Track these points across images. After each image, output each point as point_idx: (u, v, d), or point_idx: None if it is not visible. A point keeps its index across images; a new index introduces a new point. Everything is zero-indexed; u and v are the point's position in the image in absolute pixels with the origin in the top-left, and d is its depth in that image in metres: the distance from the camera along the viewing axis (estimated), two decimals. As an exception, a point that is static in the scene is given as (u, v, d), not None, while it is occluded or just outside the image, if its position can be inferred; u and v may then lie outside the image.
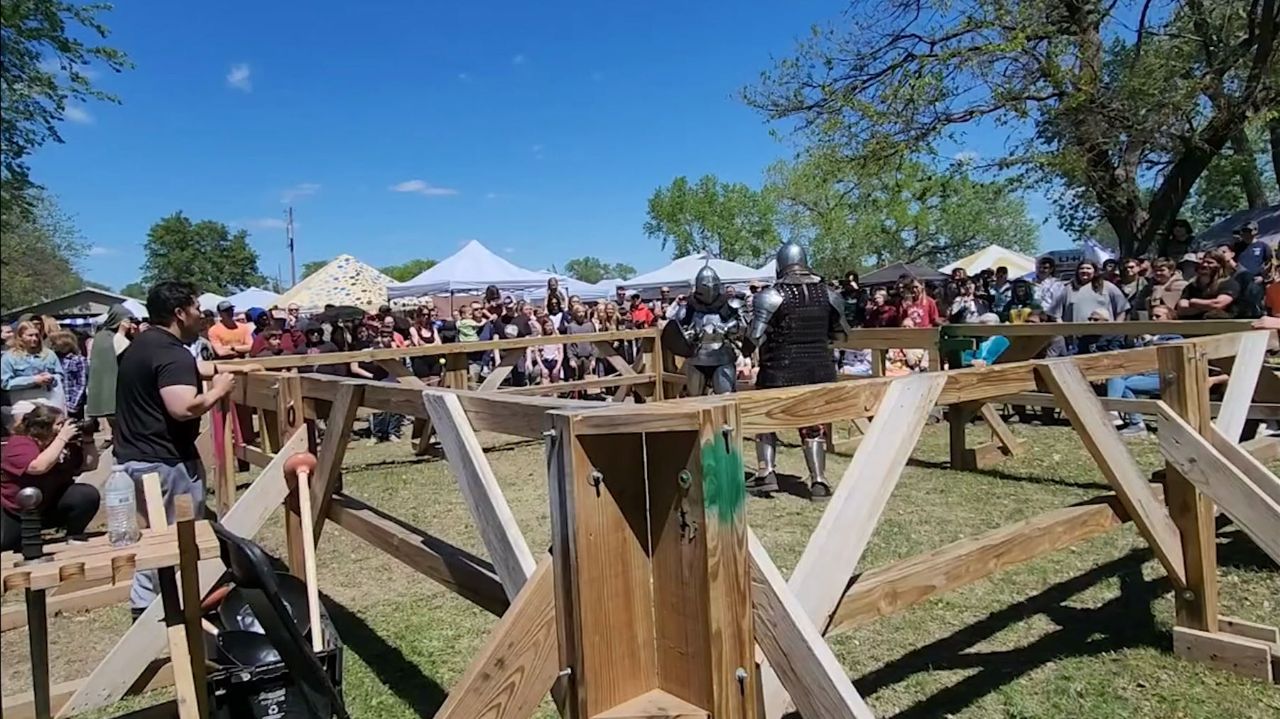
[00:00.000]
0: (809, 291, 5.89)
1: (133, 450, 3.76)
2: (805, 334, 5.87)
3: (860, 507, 2.08)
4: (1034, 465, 6.77)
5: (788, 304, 5.83)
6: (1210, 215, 30.31)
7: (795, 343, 5.85)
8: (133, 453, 3.75)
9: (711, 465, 1.68)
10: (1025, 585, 4.05)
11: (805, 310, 5.86)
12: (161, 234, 52.47)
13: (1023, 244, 43.86)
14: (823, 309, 5.93)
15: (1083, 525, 2.84)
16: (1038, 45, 12.27)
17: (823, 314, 5.94)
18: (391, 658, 3.58)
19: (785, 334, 5.85)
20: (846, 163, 13.64)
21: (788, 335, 5.85)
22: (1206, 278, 8.34)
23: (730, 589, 1.72)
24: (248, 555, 2.18)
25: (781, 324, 5.84)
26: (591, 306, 12.15)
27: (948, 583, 2.38)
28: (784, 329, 5.85)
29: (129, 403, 3.80)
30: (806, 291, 5.88)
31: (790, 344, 5.86)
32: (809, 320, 5.89)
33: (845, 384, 2.13)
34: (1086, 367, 2.85)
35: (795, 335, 5.85)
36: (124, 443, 3.79)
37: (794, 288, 5.89)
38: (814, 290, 5.93)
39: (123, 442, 3.80)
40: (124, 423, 3.82)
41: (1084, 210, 20.85)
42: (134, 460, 3.73)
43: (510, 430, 2.19)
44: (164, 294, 4.00)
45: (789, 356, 5.86)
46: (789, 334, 5.85)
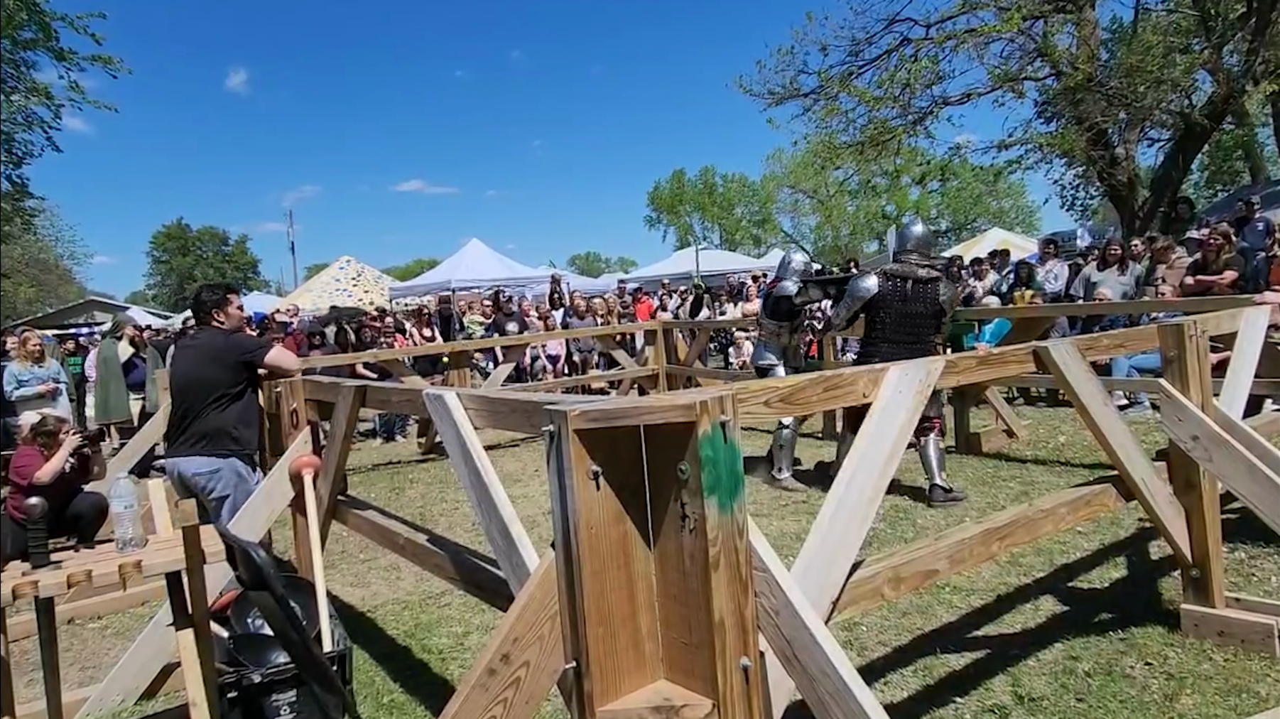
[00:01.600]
0: (914, 288, 5.13)
1: (208, 447, 3.77)
2: (901, 333, 5.15)
3: (862, 493, 2.08)
4: (1039, 448, 6.76)
5: (884, 296, 5.14)
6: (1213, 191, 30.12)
7: (888, 341, 5.13)
8: (207, 449, 3.77)
9: (710, 456, 1.68)
10: (1032, 567, 4.05)
11: (906, 307, 5.13)
12: (163, 241, 52.63)
13: (1024, 226, 43.66)
14: (929, 307, 5.15)
15: (1086, 506, 2.83)
16: (1034, 25, 12.19)
17: (928, 313, 5.17)
18: (401, 656, 3.60)
19: (878, 330, 5.18)
20: (844, 149, 13.60)
21: (881, 332, 5.17)
22: (1212, 254, 8.30)
23: (732, 579, 1.73)
24: (253, 558, 2.20)
25: (876, 317, 5.18)
26: (589, 301, 12.14)
27: (951, 567, 2.39)
28: (877, 324, 5.18)
29: (203, 403, 3.78)
30: (911, 287, 5.13)
31: (882, 342, 5.16)
32: (909, 318, 5.14)
33: (843, 371, 2.13)
34: (1087, 347, 2.85)
35: (889, 333, 5.15)
36: (199, 441, 3.78)
37: (898, 279, 5.15)
38: (922, 287, 5.15)
39: (199, 441, 3.78)
40: (196, 423, 3.79)
41: (1085, 190, 20.72)
42: (240, 459, 3.80)
43: (510, 427, 2.20)
44: (202, 297, 4.09)
45: (878, 355, 5.08)
46: (882, 331, 5.16)
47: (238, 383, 3.79)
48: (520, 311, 11.78)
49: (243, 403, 3.81)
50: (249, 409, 3.85)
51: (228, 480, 3.71)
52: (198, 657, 2.11)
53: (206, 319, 4.00)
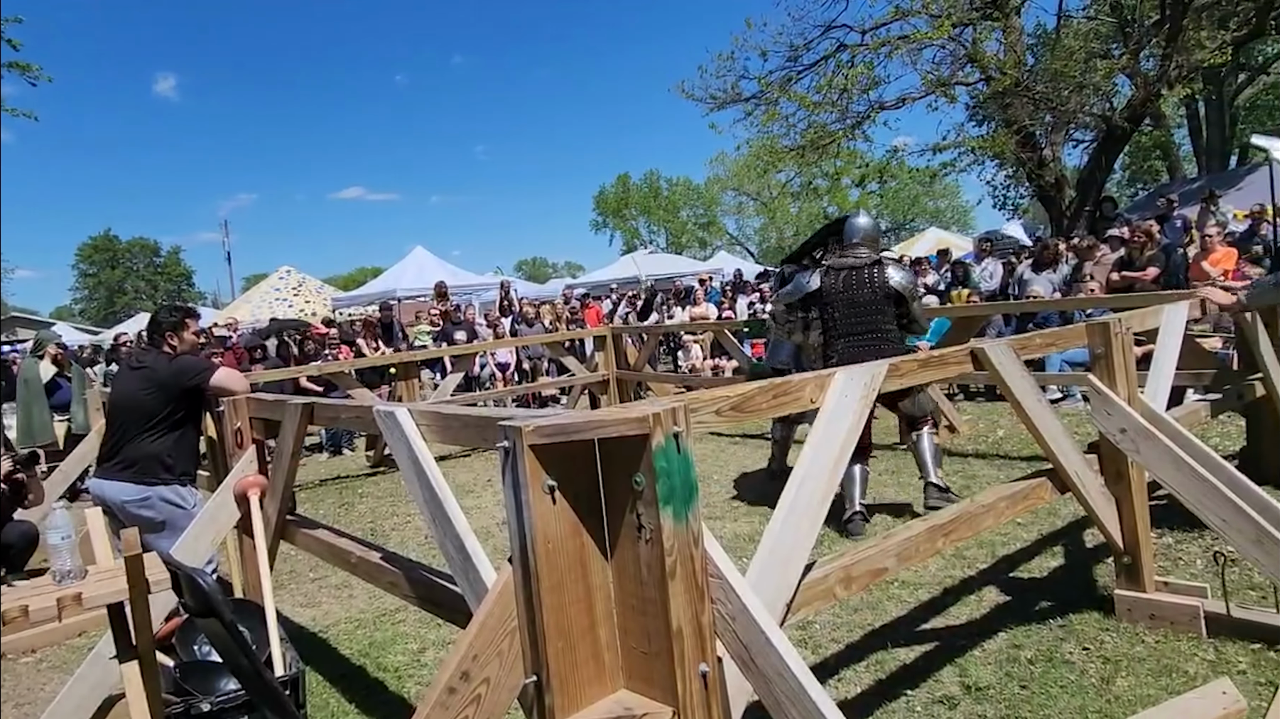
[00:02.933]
0: (856, 275, 4.98)
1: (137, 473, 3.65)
2: (854, 325, 4.98)
3: (812, 495, 2.14)
4: (979, 442, 6.98)
5: (827, 290, 5.00)
6: (1135, 190, 31.52)
7: (843, 337, 4.97)
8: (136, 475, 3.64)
9: (664, 467, 1.71)
10: (975, 560, 4.19)
11: (852, 296, 4.97)
12: (90, 253, 50.53)
13: (960, 225, 45.02)
14: (877, 293, 4.96)
15: (1024, 499, 2.95)
16: (963, 32, 12.60)
17: (878, 299, 4.97)
18: (356, 676, 3.54)
19: (831, 325, 5.02)
20: (786, 153, 13.84)
21: (832, 327, 5.01)
22: (1136, 251, 8.70)
23: (689, 587, 1.76)
24: (200, 585, 2.15)
25: (826, 315, 5.03)
26: (538, 308, 12.10)
27: (899, 563, 2.46)
28: (828, 321, 5.03)
29: (139, 428, 3.66)
30: (852, 275, 4.98)
31: (837, 339, 4.99)
32: (858, 308, 4.97)
33: (790, 378, 2.18)
34: (1021, 346, 2.96)
35: (841, 327, 4.98)
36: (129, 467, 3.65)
37: (836, 272, 5.03)
38: (862, 273, 4.99)
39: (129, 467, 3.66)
40: (128, 448, 3.67)
41: (1015, 190, 21.50)
42: (172, 485, 3.68)
43: (463, 442, 2.19)
44: (159, 318, 3.97)
45: (835, 354, 4.95)
46: (834, 327, 5.01)
47: (178, 411, 3.67)
48: (467, 319, 11.66)
49: (180, 432, 3.70)
50: (185, 438, 3.74)
51: (159, 509, 3.60)
52: (143, 689, 2.05)
53: (159, 341, 3.87)
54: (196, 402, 3.77)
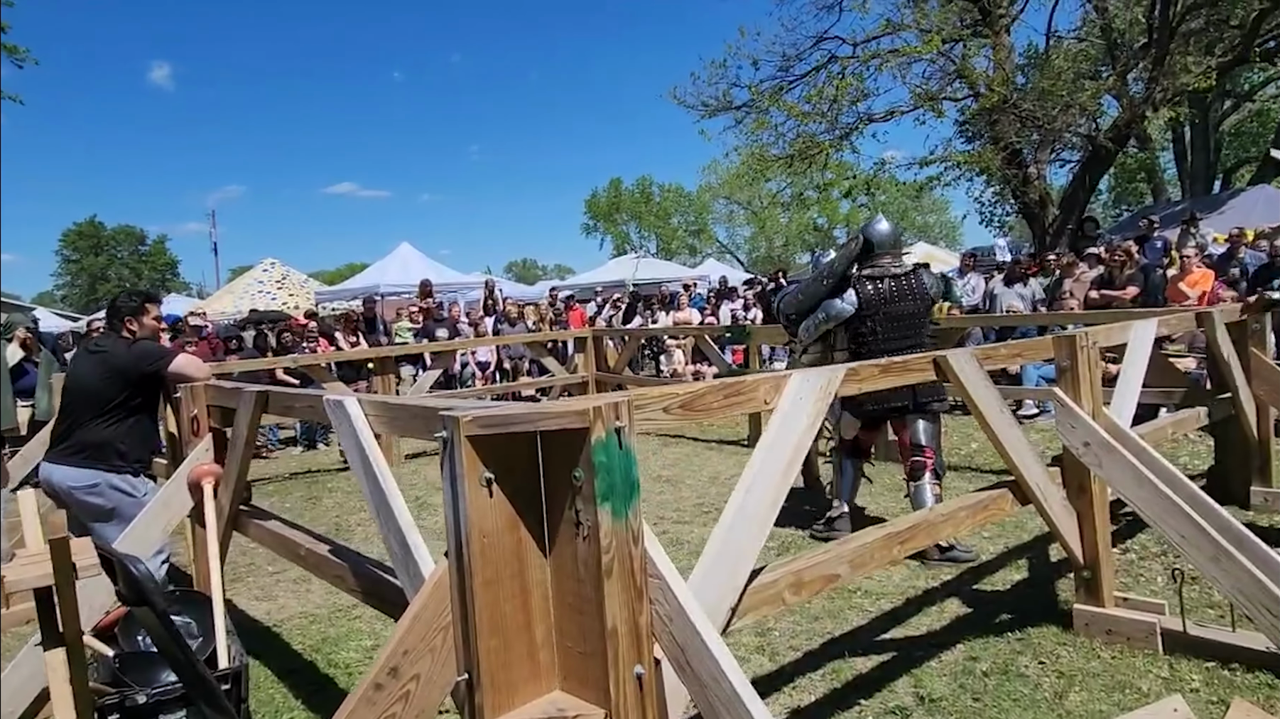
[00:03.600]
0: (897, 284, 4.67)
1: (89, 459, 3.56)
2: (900, 337, 4.64)
3: (761, 500, 2.11)
4: (952, 454, 6.98)
5: (868, 304, 4.63)
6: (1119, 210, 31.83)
7: (887, 350, 4.46)
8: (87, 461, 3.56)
9: (603, 462, 1.68)
10: (939, 571, 4.17)
11: (894, 308, 4.65)
12: (74, 239, 50.00)
13: (948, 240, 45.28)
14: (919, 302, 4.71)
15: (984, 510, 2.94)
16: (953, 48, 12.68)
17: (919, 308, 4.71)
18: (306, 672, 3.47)
19: (871, 341, 4.63)
20: (774, 162, 13.86)
21: (873, 343, 4.62)
22: (1116, 270, 8.77)
23: (626, 586, 1.72)
24: (132, 573, 2.09)
25: (862, 330, 4.66)
26: (521, 308, 12.05)
27: (852, 570, 2.43)
28: (866, 335, 4.65)
29: (93, 413, 3.58)
30: (892, 285, 4.66)
31: (881, 353, 4.44)
32: (902, 320, 4.66)
33: (745, 378, 2.15)
34: (985, 357, 2.95)
35: (885, 341, 4.61)
36: (81, 452, 3.57)
37: (875, 281, 4.67)
38: (904, 282, 4.69)
39: (80, 451, 3.57)
40: (80, 432, 3.59)
41: (1002, 207, 21.64)
42: (124, 474, 3.59)
43: (410, 433, 2.15)
44: (118, 303, 3.89)
45: None
46: (876, 340, 4.62)
47: (134, 398, 3.59)
48: (451, 317, 11.59)
49: (135, 419, 3.61)
50: (140, 425, 3.66)
51: (108, 496, 3.51)
52: (68, 678, 1.99)
53: (119, 326, 3.79)
54: (154, 388, 3.69)
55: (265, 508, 6.66)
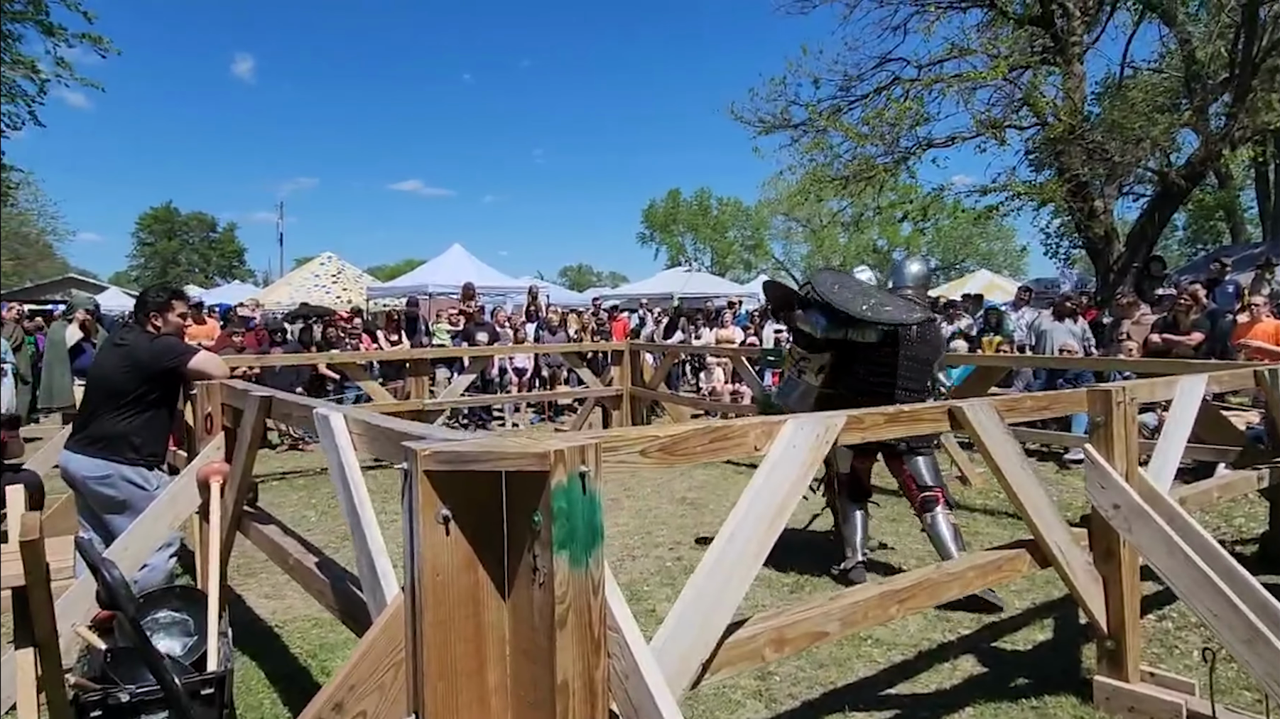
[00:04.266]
0: (920, 328, 4.55)
1: (103, 450, 3.59)
2: (915, 379, 4.60)
3: (743, 550, 2.00)
4: (990, 497, 6.70)
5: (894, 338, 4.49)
6: (1195, 249, 30.54)
7: (905, 389, 4.51)
8: (102, 452, 3.59)
9: (563, 508, 1.60)
10: (959, 623, 3.98)
11: (914, 350, 4.55)
12: (150, 223, 52.11)
13: (1012, 269, 44.09)
14: (934, 351, 4.72)
15: (997, 570, 2.77)
16: (1020, 75, 12.30)
17: (932, 357, 4.71)
18: (299, 678, 3.47)
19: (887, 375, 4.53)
20: (830, 182, 13.62)
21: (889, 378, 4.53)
22: (1181, 314, 8.34)
23: (581, 638, 1.64)
24: (105, 577, 2.09)
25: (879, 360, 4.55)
26: (563, 316, 12.06)
27: (842, 629, 2.31)
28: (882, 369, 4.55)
29: (111, 406, 3.61)
30: (918, 330, 4.55)
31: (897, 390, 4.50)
32: (918, 363, 4.57)
33: (733, 421, 2.05)
34: (1008, 409, 2.79)
35: (904, 379, 4.54)
36: (96, 443, 3.59)
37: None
38: (926, 328, 4.63)
39: (95, 442, 3.60)
40: (97, 424, 3.62)
41: (1068, 239, 20.93)
42: (137, 466, 3.61)
43: (386, 455, 2.10)
44: (146, 297, 3.95)
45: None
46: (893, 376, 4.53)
47: (151, 392, 3.64)
48: (493, 322, 11.67)
49: (151, 413, 3.66)
50: (156, 420, 3.70)
51: (120, 488, 3.57)
52: (34, 680, 2.00)
53: (144, 320, 3.84)
54: (172, 384, 3.75)
55: (293, 502, 6.82)
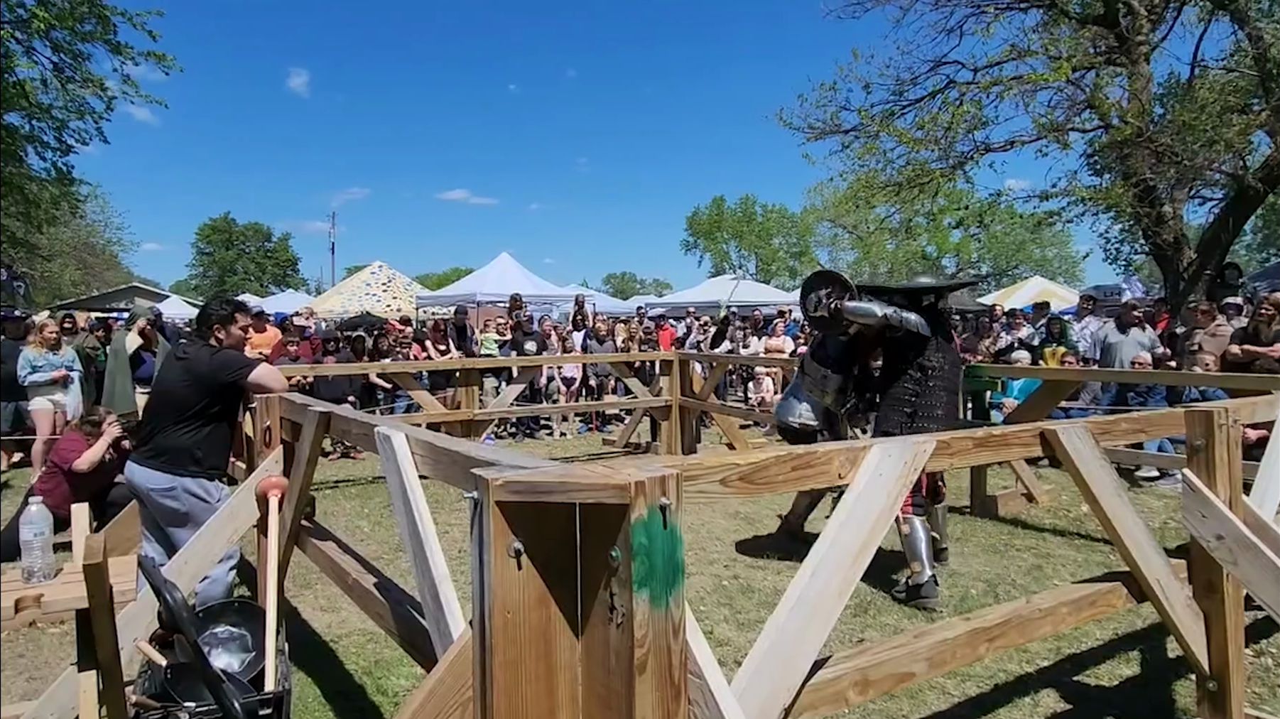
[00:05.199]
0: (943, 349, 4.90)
1: (167, 463, 3.62)
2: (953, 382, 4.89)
3: (827, 585, 1.87)
4: (1060, 516, 6.42)
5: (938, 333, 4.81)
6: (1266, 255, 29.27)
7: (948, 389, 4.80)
8: (165, 464, 3.61)
9: (643, 544, 1.49)
10: (1037, 655, 3.77)
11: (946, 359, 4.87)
12: (209, 233, 53.70)
13: (1068, 276, 42.84)
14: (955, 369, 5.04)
15: (1091, 606, 2.58)
16: (1084, 76, 11.88)
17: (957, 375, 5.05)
18: (354, 696, 3.42)
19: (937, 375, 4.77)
20: (881, 189, 13.33)
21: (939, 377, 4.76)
22: (1263, 324, 7.92)
23: (661, 683, 1.53)
24: (167, 601, 2.05)
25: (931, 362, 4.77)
26: (611, 325, 11.99)
27: (929, 669, 2.15)
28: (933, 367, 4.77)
29: (174, 419, 3.64)
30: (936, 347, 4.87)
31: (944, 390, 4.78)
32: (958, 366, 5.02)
33: (816, 448, 1.93)
34: (1102, 432, 2.60)
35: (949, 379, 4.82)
36: (160, 455, 3.62)
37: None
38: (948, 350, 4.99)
39: (159, 455, 3.63)
40: (161, 436, 3.65)
41: (1130, 245, 20.21)
42: (199, 479, 3.64)
43: (451, 480, 2.02)
44: (210, 309, 3.97)
45: (941, 406, 4.74)
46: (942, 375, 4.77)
47: (212, 406, 3.65)
48: (540, 331, 11.66)
49: (213, 426, 3.67)
50: (218, 433, 3.71)
51: (183, 500, 3.58)
52: (96, 703, 1.96)
53: (207, 334, 3.86)
54: (233, 397, 3.75)
55: (346, 512, 6.84)
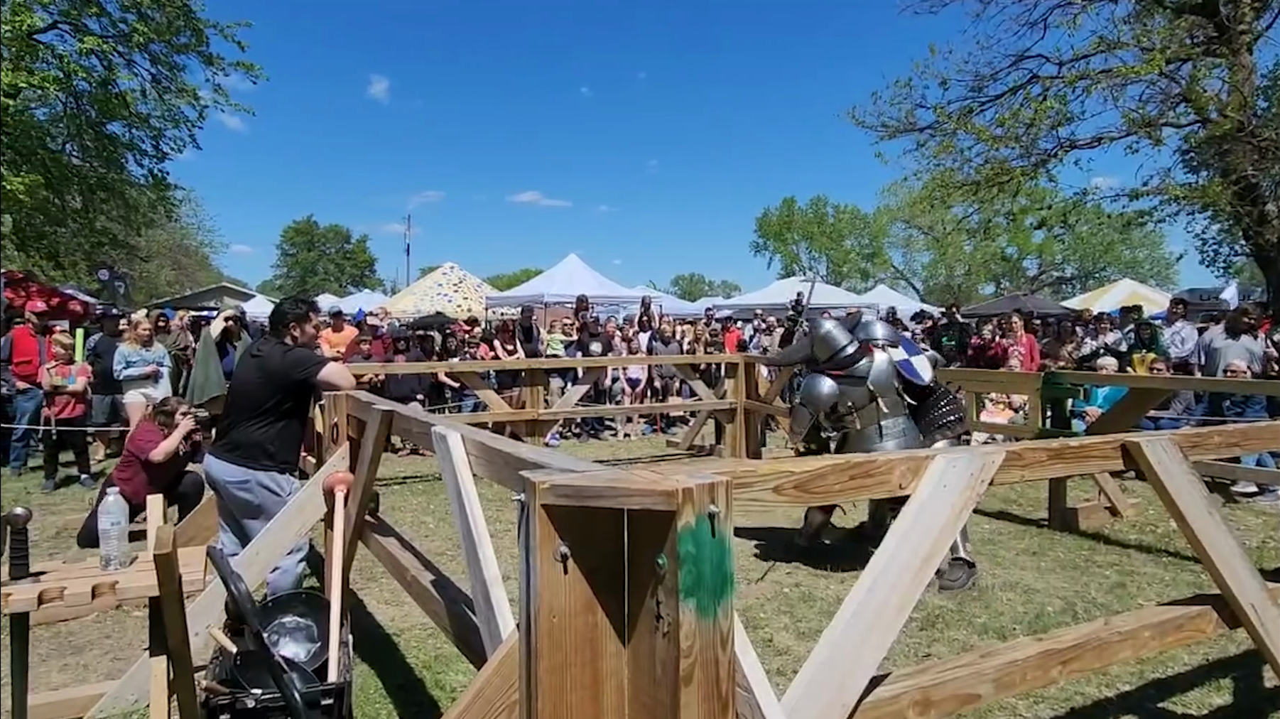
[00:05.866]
0: None
1: (242, 457, 3.73)
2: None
3: (886, 600, 1.79)
4: (1146, 531, 6.08)
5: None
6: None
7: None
8: (241, 458, 3.73)
9: (690, 552, 1.46)
10: (1117, 678, 3.56)
11: None
12: (292, 235, 55.91)
13: (1160, 279, 40.68)
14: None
15: (1177, 631, 2.41)
16: (1179, 68, 11.26)
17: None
18: (414, 689, 3.48)
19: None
20: (958, 188, 12.92)
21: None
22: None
23: (708, 695, 1.49)
24: (233, 592, 2.11)
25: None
26: (675, 326, 11.95)
27: (997, 691, 2.05)
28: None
29: (248, 415, 3.76)
30: None
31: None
32: None
33: (875, 457, 1.85)
34: (1191, 444, 2.43)
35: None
36: (235, 449, 3.74)
37: None
38: None
39: (235, 449, 3.75)
40: (236, 431, 3.76)
41: (1230, 246, 19.05)
42: (271, 473, 3.73)
43: (503, 481, 2.02)
44: (284, 308, 4.08)
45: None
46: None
47: (285, 402, 3.76)
48: (605, 333, 11.71)
49: (285, 422, 3.78)
50: (290, 429, 3.82)
51: (256, 493, 3.70)
52: (166, 687, 2.04)
53: (282, 332, 3.97)
54: (304, 394, 3.86)
55: (413, 507, 7.00)
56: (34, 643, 3.29)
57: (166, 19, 14.56)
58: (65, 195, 15.11)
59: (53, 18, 13.56)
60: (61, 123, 14.99)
